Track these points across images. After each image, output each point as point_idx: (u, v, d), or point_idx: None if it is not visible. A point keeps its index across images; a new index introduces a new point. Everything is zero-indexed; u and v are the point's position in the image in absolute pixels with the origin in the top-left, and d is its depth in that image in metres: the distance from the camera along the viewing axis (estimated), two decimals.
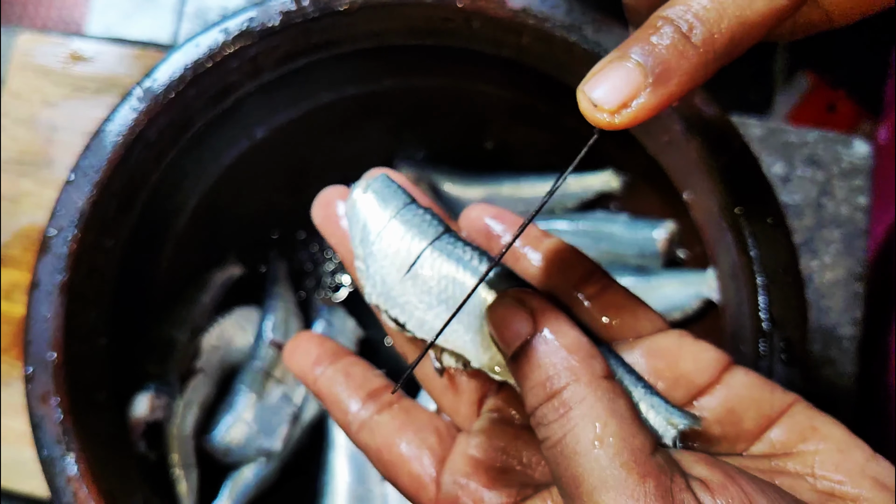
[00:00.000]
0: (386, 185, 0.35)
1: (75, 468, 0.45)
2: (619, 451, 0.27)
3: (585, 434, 0.27)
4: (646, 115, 0.26)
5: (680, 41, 0.26)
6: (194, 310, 0.61)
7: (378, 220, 0.34)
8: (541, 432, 0.29)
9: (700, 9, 0.26)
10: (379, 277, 0.34)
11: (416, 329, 0.34)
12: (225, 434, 0.58)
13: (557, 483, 0.29)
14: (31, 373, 0.47)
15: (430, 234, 0.34)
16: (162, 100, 0.50)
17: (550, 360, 0.29)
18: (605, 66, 0.26)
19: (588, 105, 0.26)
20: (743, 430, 0.31)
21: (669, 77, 0.26)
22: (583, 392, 0.28)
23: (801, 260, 0.67)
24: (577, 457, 0.27)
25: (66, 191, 0.49)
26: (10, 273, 0.68)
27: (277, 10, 0.50)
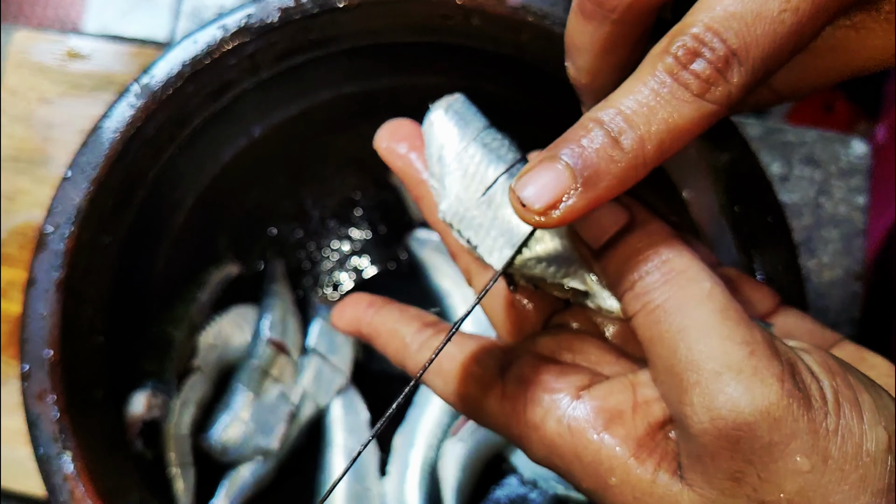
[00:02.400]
0: (466, 107, 0.36)
1: (71, 466, 0.45)
2: (726, 307, 0.27)
3: (693, 292, 0.28)
4: (573, 217, 0.27)
5: (609, 145, 0.26)
6: (192, 308, 0.60)
7: (459, 140, 0.35)
8: (639, 300, 0.29)
9: (630, 112, 0.26)
10: (454, 196, 0.34)
11: (485, 253, 0.34)
12: (222, 433, 0.58)
13: (653, 344, 0.29)
14: (28, 371, 0.46)
15: (508, 159, 0.34)
16: (160, 97, 0.49)
17: (651, 240, 0.30)
18: (536, 165, 0.27)
19: (517, 204, 0.27)
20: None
21: (598, 181, 0.26)
22: (687, 262, 0.29)
23: (800, 259, 0.68)
24: (683, 310, 0.28)
25: (62, 188, 0.49)
26: (7, 271, 0.68)
27: (276, 7, 0.50)
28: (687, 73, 0.26)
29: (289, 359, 0.61)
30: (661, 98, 0.26)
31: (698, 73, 0.26)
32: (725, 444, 0.26)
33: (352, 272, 0.67)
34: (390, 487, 0.59)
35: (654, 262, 0.29)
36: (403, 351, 0.37)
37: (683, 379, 0.27)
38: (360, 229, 0.67)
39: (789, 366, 0.26)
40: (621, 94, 0.27)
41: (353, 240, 0.67)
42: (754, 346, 0.26)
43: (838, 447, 0.26)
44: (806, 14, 0.25)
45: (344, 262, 0.67)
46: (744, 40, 0.25)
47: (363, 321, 0.38)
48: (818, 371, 0.27)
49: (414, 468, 0.59)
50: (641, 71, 0.27)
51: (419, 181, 0.38)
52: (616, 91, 0.27)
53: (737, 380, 0.26)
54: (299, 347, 0.62)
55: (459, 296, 0.63)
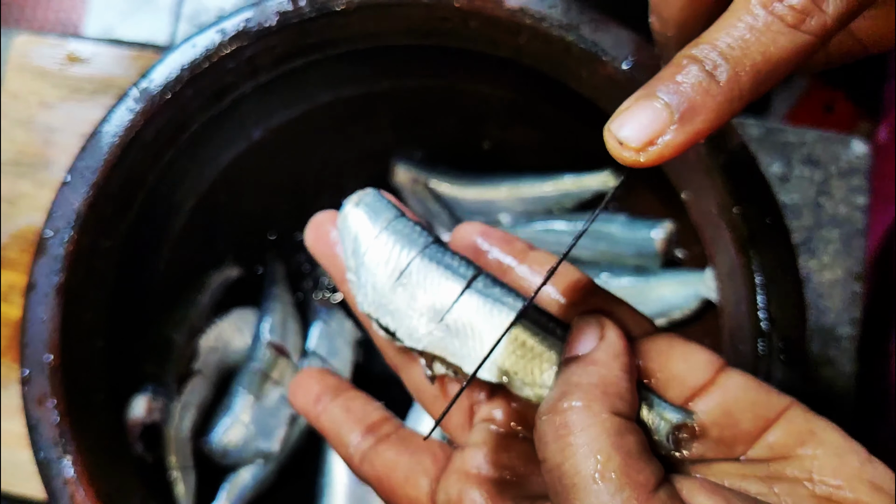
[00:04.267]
0: (377, 200, 0.36)
1: (72, 470, 0.45)
2: (621, 487, 0.26)
3: (586, 466, 0.27)
4: (672, 153, 0.26)
5: (705, 79, 0.26)
6: (192, 311, 0.61)
7: (369, 232, 0.35)
8: (539, 450, 0.29)
9: (725, 47, 0.26)
10: (370, 286, 0.35)
11: (405, 337, 0.35)
12: (223, 436, 0.58)
13: (553, 502, 0.28)
14: (28, 375, 0.46)
15: (419, 243, 0.35)
16: (158, 101, 0.50)
17: (577, 379, 0.30)
18: (631, 104, 0.27)
19: (614, 143, 0.27)
20: (740, 433, 0.31)
21: (695, 115, 0.26)
22: (588, 420, 0.28)
23: (800, 260, 0.67)
24: (575, 489, 0.27)
25: (62, 192, 0.49)
26: (8, 275, 0.68)
27: (274, 11, 0.50)
28: (781, 6, 0.26)
29: (289, 361, 0.61)
30: (756, 31, 0.26)
31: (793, 5, 0.26)
32: None
33: None
34: None
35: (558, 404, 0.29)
36: (348, 459, 0.37)
37: None
38: None
39: None
40: (715, 30, 0.27)
41: None
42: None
43: None
44: None
45: None
46: None
47: (311, 415, 0.38)
48: None
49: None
50: (734, 7, 0.27)
51: (344, 278, 0.38)
52: (709, 29, 0.27)
53: None
54: (299, 350, 0.63)
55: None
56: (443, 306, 0.34)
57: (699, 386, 0.32)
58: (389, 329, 0.35)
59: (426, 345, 0.34)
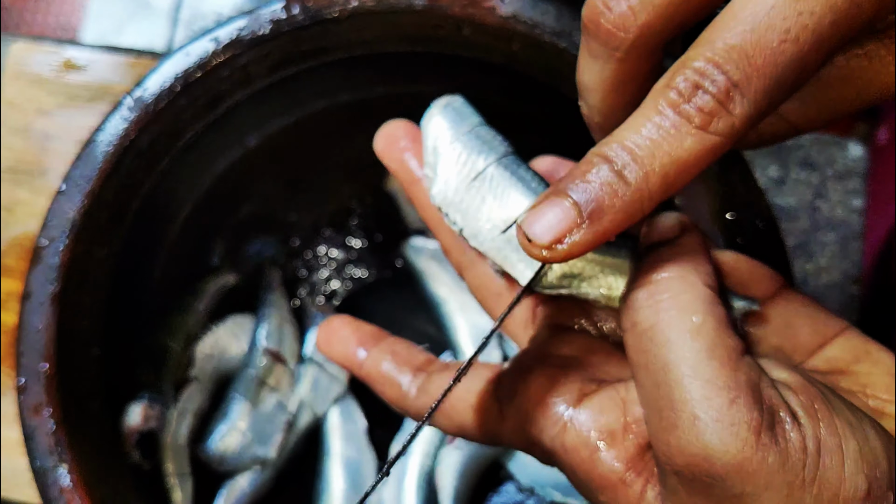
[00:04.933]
0: (464, 105, 0.38)
1: (68, 479, 0.45)
2: (714, 345, 0.27)
3: (681, 323, 0.28)
4: (579, 252, 0.27)
5: (614, 180, 0.26)
6: (188, 318, 0.61)
7: (455, 130, 0.37)
8: (629, 317, 0.30)
9: (634, 147, 0.26)
10: (445, 181, 0.36)
11: (470, 237, 0.35)
12: (219, 442, 0.58)
13: (639, 369, 0.29)
14: (24, 384, 0.47)
15: (499, 151, 0.36)
16: (153, 109, 0.50)
17: (667, 256, 0.30)
18: (542, 201, 0.27)
19: (524, 240, 0.27)
20: (799, 344, 0.32)
21: (602, 215, 0.26)
22: (683, 286, 0.29)
23: (797, 263, 0.68)
24: (669, 344, 0.28)
25: (57, 201, 0.49)
26: (5, 282, 0.68)
27: (268, 19, 0.50)
28: (689, 106, 0.26)
29: (286, 368, 0.61)
30: (664, 131, 0.26)
31: (701, 106, 0.26)
32: (699, 488, 0.27)
33: (348, 280, 0.67)
34: (388, 495, 0.59)
35: (653, 276, 0.30)
36: (400, 398, 0.37)
37: (663, 417, 0.27)
38: (356, 237, 0.68)
39: (769, 415, 0.26)
40: (625, 129, 0.27)
41: (350, 248, 0.68)
42: (736, 393, 0.26)
43: (814, 496, 0.26)
44: (807, 44, 0.25)
45: (340, 271, 0.67)
46: (745, 72, 0.25)
47: (353, 363, 0.39)
48: (802, 416, 0.27)
49: (411, 476, 0.59)
50: (645, 106, 0.27)
51: (413, 180, 0.39)
52: (621, 126, 0.27)
53: (713, 428, 0.26)
54: (296, 356, 0.63)
55: (456, 303, 0.63)
56: (508, 216, 0.35)
57: (763, 295, 0.33)
58: (456, 226, 0.36)
59: (487, 249, 0.35)
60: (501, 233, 0.34)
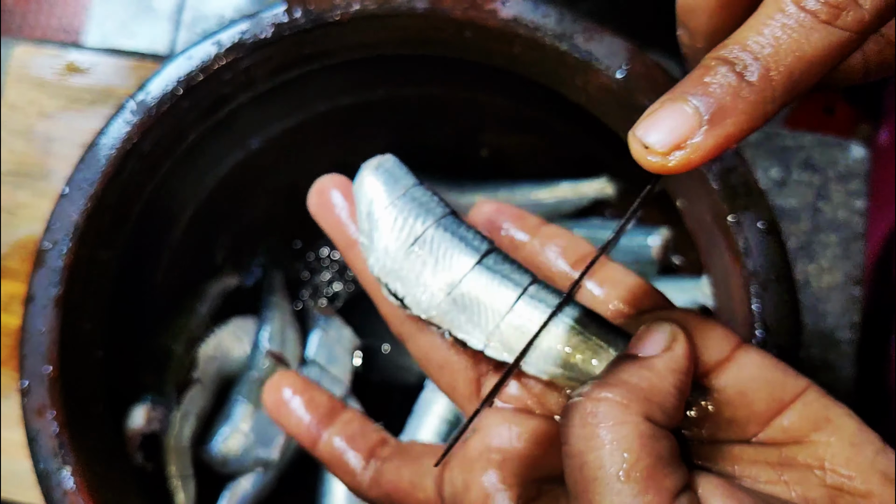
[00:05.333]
0: (396, 166, 0.37)
1: (71, 482, 0.45)
2: (645, 489, 0.26)
3: (612, 462, 0.26)
4: (700, 159, 0.25)
5: (735, 80, 0.25)
6: (191, 320, 0.61)
7: (387, 196, 0.35)
8: (563, 434, 0.28)
9: (755, 46, 0.25)
10: (382, 250, 0.35)
11: (413, 305, 0.34)
12: (222, 444, 0.58)
13: (570, 492, 0.27)
14: (27, 386, 0.47)
15: (436, 212, 0.35)
16: (155, 112, 0.50)
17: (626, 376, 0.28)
18: (657, 108, 0.26)
19: (639, 148, 0.25)
20: (753, 414, 0.30)
21: (725, 117, 0.25)
22: (624, 418, 0.27)
23: (799, 264, 0.68)
24: (596, 483, 0.26)
25: (60, 204, 0.49)
26: (8, 285, 0.68)
27: (270, 22, 0.50)
28: (814, 2, 0.24)
29: (288, 370, 0.61)
30: (788, 29, 0.24)
31: (827, 0, 0.24)
32: None
33: (350, 283, 0.67)
34: None
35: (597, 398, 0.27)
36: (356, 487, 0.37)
37: None
38: None
39: None
40: (744, 30, 0.25)
41: None
42: None
43: None
44: None
45: (342, 273, 0.67)
46: None
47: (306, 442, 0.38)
48: None
49: None
50: (764, 6, 0.25)
51: (350, 244, 0.38)
52: (739, 30, 0.25)
53: None
54: (298, 358, 0.63)
55: None
56: (453, 278, 0.34)
57: (715, 363, 0.31)
58: (398, 295, 0.34)
59: (433, 315, 0.34)
60: (446, 295, 0.33)
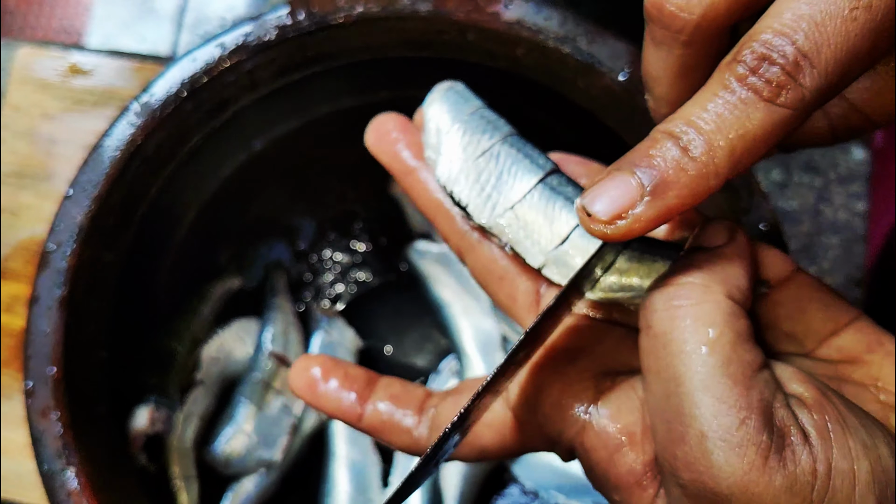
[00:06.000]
0: (466, 90, 0.38)
1: (76, 482, 0.46)
2: (729, 360, 0.27)
3: (696, 334, 0.27)
4: (641, 229, 0.26)
5: (679, 154, 0.26)
6: (194, 322, 0.61)
7: (458, 112, 0.36)
8: (645, 318, 0.29)
9: (699, 122, 0.26)
10: (450, 160, 0.36)
11: (475, 213, 0.35)
12: (225, 445, 0.58)
13: (650, 374, 0.28)
14: (31, 387, 0.47)
15: (504, 130, 0.36)
16: (159, 115, 0.50)
17: (698, 262, 0.29)
18: (603, 177, 0.26)
19: (583, 216, 0.27)
20: (811, 330, 0.31)
21: (667, 190, 0.26)
22: (704, 295, 0.28)
23: (800, 266, 0.68)
24: (682, 355, 0.27)
25: (64, 206, 0.49)
26: (10, 286, 0.68)
27: (273, 25, 0.51)
28: (756, 79, 0.25)
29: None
30: (730, 105, 0.25)
31: (769, 78, 0.25)
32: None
33: (353, 284, 0.67)
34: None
35: (676, 283, 0.28)
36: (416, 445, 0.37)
37: (671, 429, 0.27)
38: (361, 241, 0.68)
39: (780, 437, 0.26)
40: (691, 106, 0.26)
41: (354, 252, 0.68)
42: (747, 413, 0.26)
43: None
44: (881, 11, 0.24)
45: (345, 274, 0.68)
46: (814, 42, 0.24)
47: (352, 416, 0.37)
48: (814, 437, 0.26)
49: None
50: (711, 82, 0.26)
51: (408, 170, 0.38)
52: (686, 104, 0.26)
53: (721, 448, 0.26)
54: None
55: (460, 306, 0.63)
56: (516, 193, 0.34)
57: (776, 279, 0.32)
58: (462, 203, 0.35)
59: (493, 225, 0.34)
60: (509, 209, 0.34)
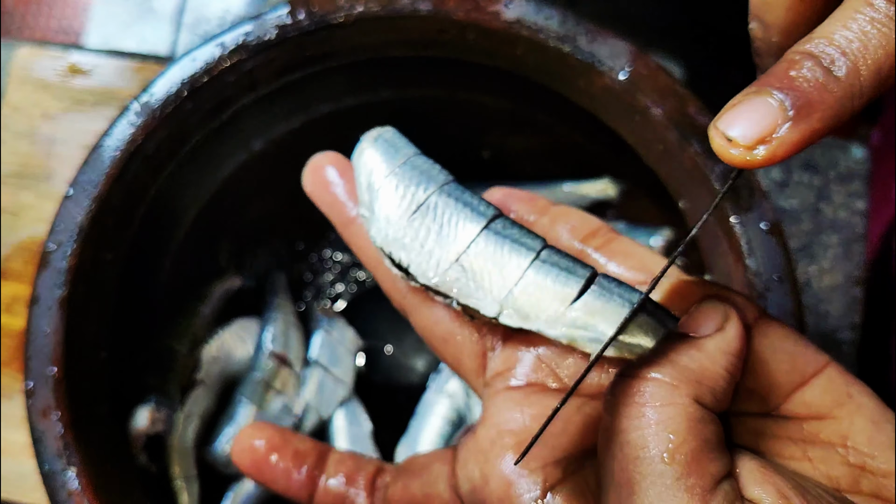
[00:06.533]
0: (396, 136, 0.36)
1: (76, 483, 0.46)
2: (688, 472, 0.25)
3: (657, 442, 0.26)
4: (786, 153, 0.24)
5: (822, 75, 0.24)
6: (194, 321, 0.61)
7: (388, 165, 0.34)
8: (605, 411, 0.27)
9: (843, 41, 0.24)
10: (385, 219, 0.34)
11: (418, 274, 0.33)
12: (226, 445, 0.58)
13: (605, 472, 0.27)
14: (32, 388, 0.47)
15: (439, 179, 0.34)
16: (159, 114, 0.50)
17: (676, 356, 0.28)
18: (741, 100, 0.25)
19: (722, 141, 0.25)
20: (775, 384, 0.30)
21: (812, 112, 0.24)
22: (671, 398, 0.26)
23: (800, 265, 0.68)
24: (639, 462, 0.26)
25: (64, 206, 0.49)
26: (10, 286, 0.68)
27: (273, 24, 0.51)
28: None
29: (291, 371, 0.61)
30: (877, 23, 0.24)
31: None
32: None
33: (353, 284, 0.67)
34: None
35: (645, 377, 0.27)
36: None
37: None
38: None
39: None
40: (830, 24, 0.25)
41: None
42: None
43: None
44: None
45: (345, 274, 0.68)
46: None
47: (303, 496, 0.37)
48: None
49: None
50: (850, 1, 0.25)
51: (348, 221, 0.37)
52: (823, 24, 0.25)
53: None
54: (302, 359, 0.63)
55: None
56: (460, 245, 0.33)
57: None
58: (402, 264, 0.34)
59: (439, 283, 0.33)
60: (454, 262, 0.32)
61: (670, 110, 0.48)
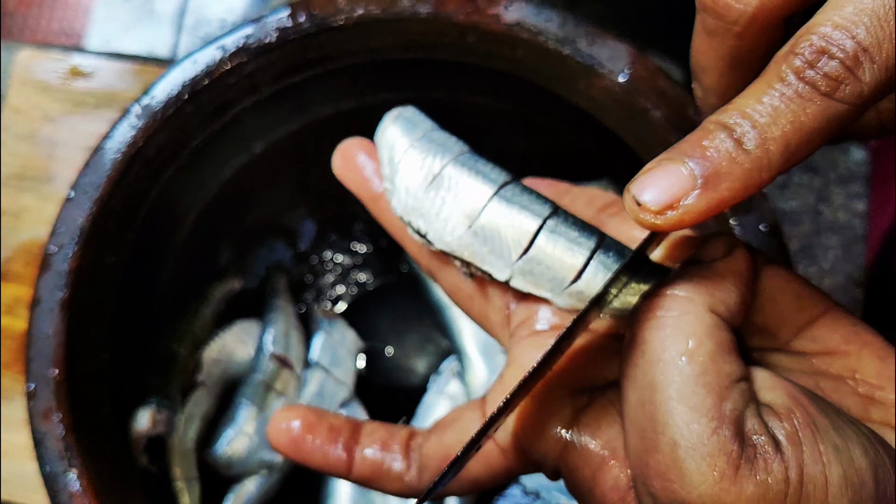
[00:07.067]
0: (415, 114, 0.38)
1: (77, 484, 0.46)
2: (706, 371, 0.27)
3: (675, 344, 0.27)
4: (693, 220, 0.25)
5: (732, 146, 0.25)
6: (195, 323, 0.61)
7: (407, 139, 0.36)
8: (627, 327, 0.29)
9: (754, 114, 0.25)
10: (404, 190, 0.35)
11: (436, 240, 0.35)
12: (227, 447, 0.59)
13: (627, 382, 0.28)
14: (33, 389, 0.47)
15: (454, 150, 0.36)
16: (160, 117, 0.50)
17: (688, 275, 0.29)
18: (654, 166, 0.26)
19: (632, 204, 0.26)
20: (785, 322, 0.31)
21: (719, 181, 0.25)
22: (687, 307, 0.28)
23: (800, 266, 0.68)
24: (659, 363, 0.27)
25: (65, 208, 0.49)
26: (11, 288, 0.68)
27: (274, 27, 0.51)
28: (814, 72, 0.24)
29: (292, 372, 0.62)
30: (786, 98, 0.25)
31: (827, 72, 0.24)
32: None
33: (353, 285, 0.67)
34: (394, 498, 0.60)
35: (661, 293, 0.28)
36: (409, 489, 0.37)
37: (645, 437, 0.27)
38: (362, 243, 0.68)
39: (751, 447, 0.26)
40: (745, 97, 0.26)
41: (355, 253, 0.68)
42: (719, 423, 0.26)
43: None
44: None
45: (346, 276, 0.68)
46: (876, 36, 0.24)
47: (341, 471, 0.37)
48: (785, 446, 0.26)
49: None
50: (766, 74, 0.26)
51: (375, 197, 0.39)
52: (739, 95, 0.26)
53: (693, 457, 0.26)
54: (302, 361, 0.63)
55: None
56: (473, 211, 0.34)
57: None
58: (421, 232, 0.35)
59: (455, 248, 0.34)
60: (467, 228, 0.34)
61: (670, 112, 0.48)
